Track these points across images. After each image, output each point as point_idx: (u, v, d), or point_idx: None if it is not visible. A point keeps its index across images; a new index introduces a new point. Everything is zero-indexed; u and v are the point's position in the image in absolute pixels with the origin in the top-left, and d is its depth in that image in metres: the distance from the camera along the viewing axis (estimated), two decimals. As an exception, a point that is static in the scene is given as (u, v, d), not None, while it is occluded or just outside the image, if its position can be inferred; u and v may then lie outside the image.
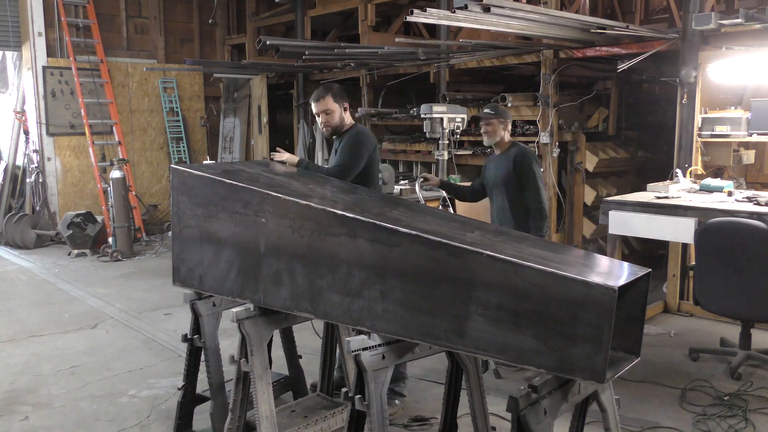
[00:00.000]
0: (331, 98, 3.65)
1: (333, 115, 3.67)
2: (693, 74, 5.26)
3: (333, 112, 3.67)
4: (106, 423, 3.66)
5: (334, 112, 3.67)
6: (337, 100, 3.66)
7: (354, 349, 2.29)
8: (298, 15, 9.15)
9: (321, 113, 3.68)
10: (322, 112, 3.67)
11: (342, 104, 3.68)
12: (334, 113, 3.67)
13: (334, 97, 3.66)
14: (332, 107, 3.66)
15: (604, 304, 1.87)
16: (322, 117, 3.69)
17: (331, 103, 3.66)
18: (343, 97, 3.70)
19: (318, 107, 3.67)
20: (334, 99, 3.65)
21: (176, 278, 3.15)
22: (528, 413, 1.95)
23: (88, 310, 5.92)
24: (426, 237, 2.22)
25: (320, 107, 3.67)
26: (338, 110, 3.67)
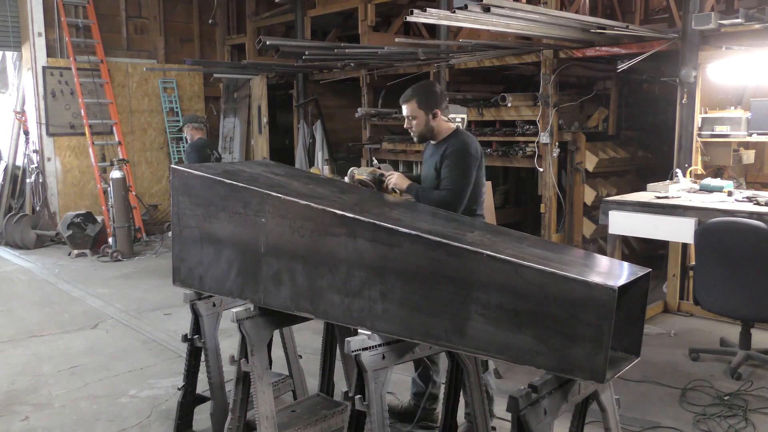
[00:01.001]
0: (416, 103, 3.23)
1: (416, 122, 3.27)
2: (693, 74, 5.26)
3: (416, 119, 3.26)
4: (106, 423, 3.66)
5: (418, 120, 3.25)
6: (423, 107, 3.22)
7: (354, 349, 2.29)
8: (298, 15, 9.14)
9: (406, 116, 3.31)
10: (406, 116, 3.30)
11: (430, 111, 3.22)
12: (418, 120, 3.26)
13: (419, 103, 3.22)
14: (415, 113, 3.25)
15: (604, 304, 1.87)
16: (406, 120, 3.33)
17: (414, 109, 3.25)
18: (435, 102, 3.23)
19: (404, 110, 3.30)
20: (418, 105, 3.22)
21: (176, 278, 3.15)
22: (528, 413, 1.95)
23: (88, 310, 5.92)
24: (426, 237, 2.22)
25: (404, 110, 3.30)
26: (423, 118, 3.24)
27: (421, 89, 3.29)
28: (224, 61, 10.78)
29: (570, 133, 6.53)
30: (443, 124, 3.28)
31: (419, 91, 3.27)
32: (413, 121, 3.27)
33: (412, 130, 3.32)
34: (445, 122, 3.29)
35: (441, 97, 3.27)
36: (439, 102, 3.24)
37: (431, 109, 3.23)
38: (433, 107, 3.23)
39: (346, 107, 9.42)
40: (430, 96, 3.25)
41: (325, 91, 9.50)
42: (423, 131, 3.28)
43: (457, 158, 3.17)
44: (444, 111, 3.28)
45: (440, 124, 3.27)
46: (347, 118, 9.12)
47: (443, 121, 3.28)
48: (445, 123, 3.29)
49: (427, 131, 3.28)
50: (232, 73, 10.12)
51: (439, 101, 3.25)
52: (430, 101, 3.23)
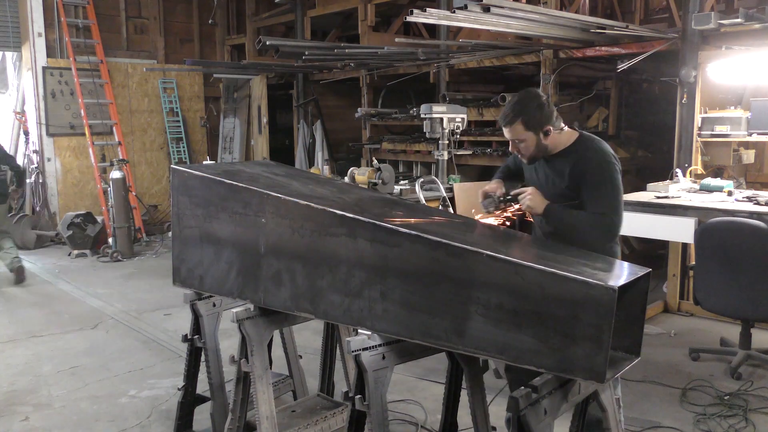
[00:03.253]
0: (522, 126, 2.69)
1: (525, 146, 2.75)
2: (693, 74, 5.26)
3: (524, 141, 2.73)
4: (106, 423, 3.66)
5: (527, 143, 2.73)
6: (531, 127, 2.69)
7: (354, 349, 2.29)
8: (298, 15, 9.15)
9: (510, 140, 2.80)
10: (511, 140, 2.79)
11: (540, 130, 2.69)
12: (527, 144, 2.74)
13: (526, 124, 2.68)
14: (522, 136, 2.72)
15: (605, 304, 1.87)
16: (511, 144, 2.82)
17: (521, 132, 2.71)
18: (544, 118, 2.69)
19: (506, 133, 2.78)
20: (525, 126, 2.69)
21: (176, 278, 3.15)
22: (528, 413, 1.95)
23: (88, 310, 5.92)
24: (426, 237, 2.22)
25: (508, 134, 2.76)
26: (533, 140, 2.71)
27: (524, 105, 2.72)
28: (224, 61, 10.78)
29: (570, 133, 6.52)
30: (558, 137, 2.75)
31: (522, 108, 2.71)
32: (521, 144, 2.75)
33: (521, 154, 2.82)
34: (558, 134, 2.75)
35: (549, 109, 2.72)
36: (548, 116, 2.70)
37: (541, 128, 2.69)
38: (543, 124, 2.69)
39: (346, 107, 9.42)
40: (537, 111, 2.69)
41: (325, 91, 9.51)
42: (535, 154, 2.78)
43: (601, 173, 2.66)
44: (555, 123, 2.73)
45: (554, 138, 2.73)
46: (347, 118, 9.13)
47: (557, 134, 2.74)
48: (558, 134, 2.75)
49: (539, 152, 2.77)
50: (232, 73, 10.13)
51: (549, 115, 2.70)
52: (538, 118, 2.69)
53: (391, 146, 8.06)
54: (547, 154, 2.77)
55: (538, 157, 2.80)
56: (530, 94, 2.78)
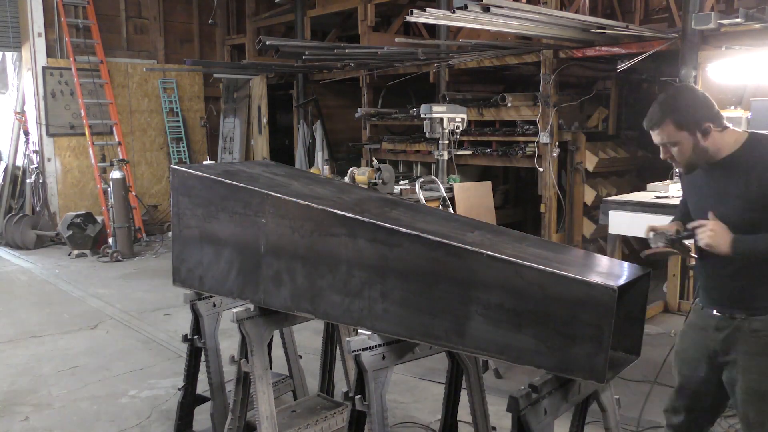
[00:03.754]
0: (673, 126, 2.22)
1: (680, 150, 2.26)
2: (693, 74, 5.26)
3: (678, 145, 2.25)
4: (106, 423, 3.66)
5: (682, 146, 2.25)
6: (686, 126, 2.21)
7: (354, 349, 2.29)
8: (298, 15, 9.15)
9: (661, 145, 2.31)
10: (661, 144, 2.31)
11: (696, 129, 2.20)
12: (682, 147, 2.25)
13: (678, 124, 2.22)
14: (674, 138, 2.24)
15: (605, 304, 1.87)
16: (662, 150, 2.32)
17: (673, 133, 2.24)
18: (703, 113, 2.22)
19: (655, 137, 2.31)
20: (677, 126, 2.22)
21: (176, 279, 3.15)
22: (528, 413, 1.95)
23: (88, 310, 5.92)
24: (426, 237, 2.22)
25: (657, 138, 2.30)
26: (689, 142, 2.23)
27: (676, 100, 2.27)
28: (224, 61, 10.78)
29: (570, 133, 6.53)
30: (721, 138, 2.24)
31: (673, 104, 2.26)
32: (674, 148, 2.27)
33: (675, 161, 2.33)
34: (720, 133, 2.24)
35: (708, 102, 2.25)
36: (708, 110, 2.23)
37: (699, 126, 2.21)
38: (701, 122, 2.21)
39: (346, 107, 9.42)
40: (692, 106, 2.24)
41: (325, 91, 9.51)
42: (692, 159, 2.27)
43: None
44: (717, 120, 2.24)
45: (716, 139, 2.23)
46: (347, 118, 9.13)
47: (718, 133, 2.23)
48: (721, 135, 2.24)
49: (699, 157, 2.26)
50: (232, 73, 10.13)
51: (709, 108, 2.24)
52: (693, 114, 2.22)
53: (391, 146, 8.06)
54: (710, 160, 2.27)
55: (698, 165, 2.30)
56: (683, 88, 2.41)
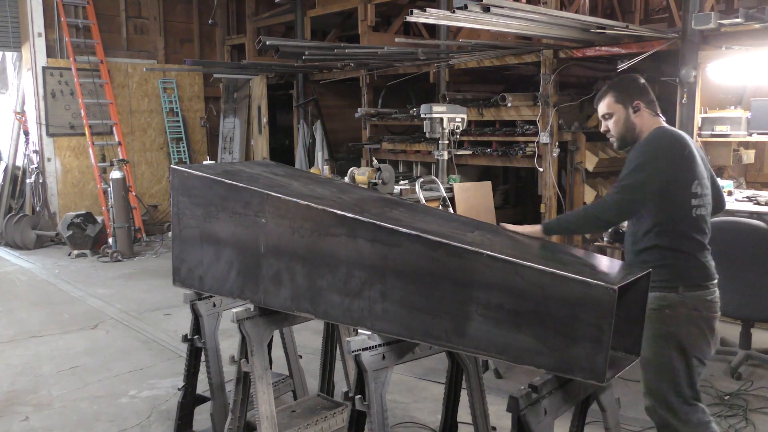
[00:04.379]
0: (612, 97, 2.60)
1: (615, 122, 2.61)
2: (693, 74, 5.26)
3: (613, 116, 2.61)
4: (106, 423, 3.66)
5: (616, 116, 2.60)
6: (621, 99, 2.58)
7: (354, 349, 2.29)
8: (298, 15, 9.15)
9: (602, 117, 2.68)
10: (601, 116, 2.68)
11: (630, 104, 2.57)
12: (616, 118, 2.61)
13: (615, 98, 2.59)
14: (612, 109, 2.61)
15: (605, 304, 1.87)
16: (603, 123, 2.69)
17: (611, 104, 2.61)
18: (637, 93, 2.59)
19: (599, 110, 2.67)
20: (615, 99, 2.59)
21: (176, 278, 3.15)
22: (528, 413, 1.95)
23: (88, 310, 5.93)
24: (426, 237, 2.22)
25: (600, 110, 2.66)
26: (622, 113, 2.59)
27: (618, 82, 2.67)
28: (224, 61, 10.78)
29: (570, 133, 6.53)
30: (647, 122, 2.59)
31: (615, 84, 2.66)
32: (610, 120, 2.62)
33: (610, 135, 2.67)
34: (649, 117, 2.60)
35: (643, 88, 2.62)
36: (640, 91, 2.59)
37: (631, 101, 2.57)
38: (634, 98, 2.57)
39: (346, 107, 9.42)
40: (630, 86, 2.62)
41: (325, 91, 9.51)
42: (623, 132, 2.61)
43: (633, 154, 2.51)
44: (651, 105, 2.60)
45: (644, 119, 2.58)
46: (347, 118, 9.13)
47: (649, 117, 2.59)
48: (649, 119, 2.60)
49: (628, 132, 2.60)
50: (232, 73, 10.13)
51: (641, 90, 2.60)
52: (629, 92, 2.59)
53: (391, 146, 8.07)
54: (635, 139, 2.58)
55: (627, 142, 2.61)
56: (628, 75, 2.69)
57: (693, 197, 2.51)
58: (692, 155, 2.52)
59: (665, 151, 2.48)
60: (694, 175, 2.51)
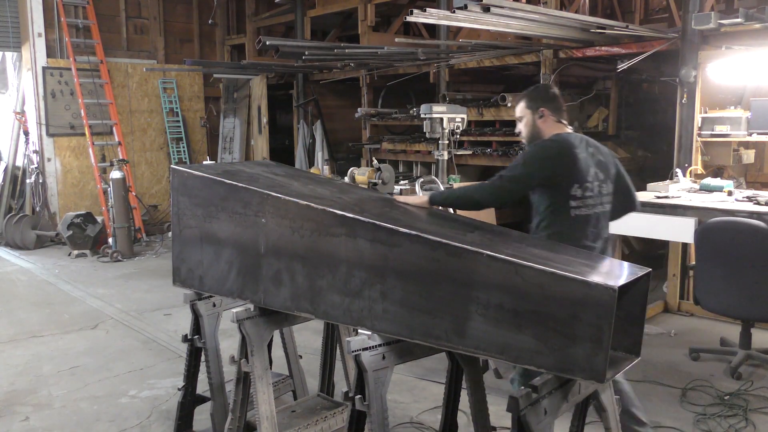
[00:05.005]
0: (524, 103, 2.99)
1: (524, 124, 3.00)
2: (693, 74, 5.26)
3: (523, 119, 3.00)
4: (106, 423, 3.66)
5: (525, 120, 2.98)
6: (530, 105, 2.96)
7: (354, 349, 2.29)
8: (298, 15, 9.15)
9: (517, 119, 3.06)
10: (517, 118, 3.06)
11: (536, 110, 2.94)
12: (525, 121, 2.99)
13: (527, 102, 2.98)
14: (522, 113, 2.99)
15: (605, 304, 1.87)
16: (517, 125, 3.07)
17: (522, 109, 2.99)
18: (543, 101, 2.95)
19: (516, 113, 3.07)
20: (526, 105, 2.97)
21: (176, 279, 3.15)
22: (528, 413, 1.95)
23: (88, 310, 5.92)
24: (426, 237, 2.22)
25: (516, 113, 3.06)
26: (530, 117, 2.96)
27: (531, 90, 3.05)
28: (224, 61, 10.78)
29: (570, 132, 6.52)
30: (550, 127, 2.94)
31: (529, 91, 3.04)
32: (521, 123, 3.02)
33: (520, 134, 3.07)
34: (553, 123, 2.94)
35: (552, 97, 2.97)
36: (547, 100, 2.95)
37: (537, 108, 2.94)
38: (539, 106, 2.93)
39: (346, 107, 9.42)
40: (538, 95, 2.99)
41: (325, 91, 9.51)
42: (530, 134, 2.98)
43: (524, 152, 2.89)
44: (555, 112, 2.95)
45: (548, 125, 2.94)
46: (347, 118, 9.13)
47: (551, 123, 2.94)
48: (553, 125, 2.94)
49: (534, 134, 2.96)
50: (232, 73, 10.13)
51: (548, 100, 2.95)
52: (537, 100, 2.96)
53: (391, 146, 8.06)
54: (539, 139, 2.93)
55: (531, 141, 2.97)
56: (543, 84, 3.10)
57: (572, 199, 2.78)
58: (575, 161, 2.78)
59: (548, 154, 2.81)
60: (574, 179, 2.78)
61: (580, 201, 2.80)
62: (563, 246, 2.53)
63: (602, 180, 2.88)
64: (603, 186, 2.88)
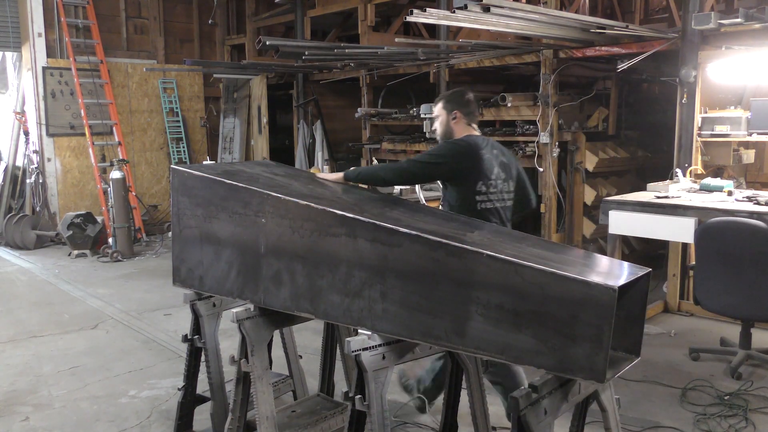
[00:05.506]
0: (441, 104, 3.32)
1: (439, 123, 3.32)
2: (693, 74, 5.26)
3: (438, 118, 3.33)
4: (106, 423, 3.66)
5: (440, 119, 3.32)
6: (446, 107, 3.29)
7: (354, 349, 2.29)
8: (298, 15, 9.15)
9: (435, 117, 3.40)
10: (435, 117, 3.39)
11: (450, 112, 3.27)
12: (440, 120, 3.32)
13: (443, 104, 3.31)
14: (439, 113, 3.32)
15: (605, 304, 1.87)
16: (433, 123, 3.43)
17: (439, 109, 3.32)
18: (458, 105, 3.27)
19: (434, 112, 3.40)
20: (442, 106, 3.31)
21: (176, 279, 3.15)
22: (528, 413, 1.95)
23: (88, 310, 5.92)
24: (426, 237, 2.22)
25: (433, 112, 3.39)
26: (444, 118, 3.29)
27: (449, 93, 3.38)
28: (224, 61, 10.78)
29: (570, 133, 6.53)
30: (462, 129, 3.27)
31: (446, 95, 3.38)
32: (437, 122, 3.32)
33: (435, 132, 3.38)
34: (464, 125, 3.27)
35: (465, 101, 3.28)
36: (461, 105, 3.26)
37: (451, 110, 3.26)
38: (454, 109, 3.26)
39: (346, 107, 9.42)
40: (455, 97, 3.30)
41: (325, 91, 9.51)
42: (443, 133, 3.31)
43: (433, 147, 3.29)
44: (467, 116, 3.27)
45: (460, 127, 3.26)
46: (347, 118, 9.13)
47: (463, 126, 3.27)
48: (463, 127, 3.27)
49: (447, 133, 3.29)
50: (232, 73, 10.13)
51: (461, 104, 3.26)
52: (452, 103, 3.27)
53: (391, 146, 8.06)
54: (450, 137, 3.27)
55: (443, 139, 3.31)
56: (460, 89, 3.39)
57: (477, 194, 3.11)
58: (479, 161, 3.11)
59: (456, 151, 3.15)
60: (479, 176, 3.11)
61: (484, 196, 3.13)
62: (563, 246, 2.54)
63: (504, 179, 3.21)
64: (505, 184, 3.22)
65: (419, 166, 3.15)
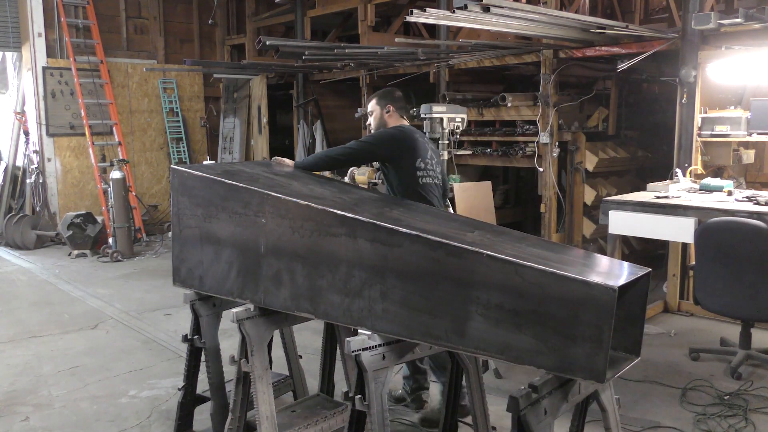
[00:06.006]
0: (374, 101, 3.70)
1: (374, 117, 3.70)
2: (693, 74, 5.26)
3: (373, 113, 3.70)
4: (106, 423, 3.66)
5: (375, 114, 3.69)
6: (379, 103, 3.67)
7: (354, 349, 2.29)
8: (298, 15, 9.15)
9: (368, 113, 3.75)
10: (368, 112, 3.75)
11: (384, 107, 3.66)
12: (375, 115, 3.69)
13: (377, 100, 3.69)
14: (373, 108, 3.70)
15: (605, 304, 1.87)
16: (367, 118, 3.78)
17: (373, 105, 3.70)
18: (390, 100, 3.67)
19: (367, 108, 3.76)
20: (376, 102, 3.68)
21: (176, 279, 3.15)
22: (528, 413, 1.95)
23: (88, 310, 5.92)
24: (426, 237, 2.22)
25: (367, 108, 3.76)
26: (378, 112, 3.67)
27: (382, 90, 3.77)
28: (224, 61, 10.78)
29: (570, 133, 6.53)
30: (390, 120, 3.64)
31: (380, 92, 3.76)
32: (371, 117, 3.70)
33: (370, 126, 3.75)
34: (396, 118, 3.64)
35: (397, 98, 3.68)
36: (392, 100, 3.65)
37: (385, 105, 3.65)
38: (387, 104, 3.64)
39: (346, 107, 9.42)
40: (387, 94, 3.70)
41: (325, 91, 9.51)
42: (377, 124, 3.67)
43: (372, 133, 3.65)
44: (399, 110, 3.65)
45: (392, 119, 3.64)
46: (347, 118, 9.13)
47: (396, 118, 3.64)
48: (395, 119, 3.64)
49: (380, 124, 3.66)
50: (232, 74, 10.12)
51: (393, 100, 3.65)
52: (385, 99, 3.66)
53: (391, 146, 8.04)
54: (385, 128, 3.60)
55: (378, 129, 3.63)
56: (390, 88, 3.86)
57: (418, 170, 3.47)
58: (413, 144, 3.49)
59: (393, 136, 3.50)
60: (416, 155, 3.48)
61: (423, 171, 3.49)
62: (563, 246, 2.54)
63: (436, 162, 3.61)
64: (438, 166, 3.62)
65: (360, 149, 3.46)
